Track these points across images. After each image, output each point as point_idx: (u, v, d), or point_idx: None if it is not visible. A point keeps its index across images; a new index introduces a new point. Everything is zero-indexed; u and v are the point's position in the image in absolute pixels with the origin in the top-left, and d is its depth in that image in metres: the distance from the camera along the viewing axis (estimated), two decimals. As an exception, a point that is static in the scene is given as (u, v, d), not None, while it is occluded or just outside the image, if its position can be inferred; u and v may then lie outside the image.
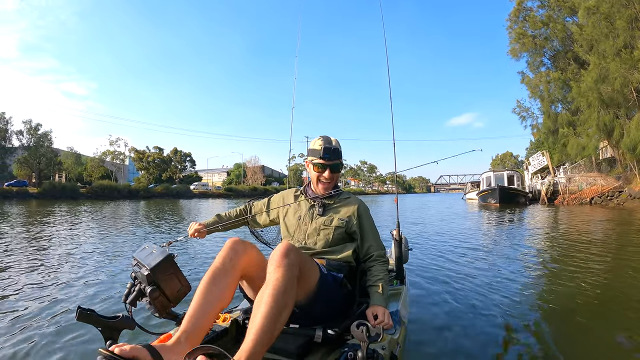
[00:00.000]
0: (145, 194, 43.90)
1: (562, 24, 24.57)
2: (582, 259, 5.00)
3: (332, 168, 1.79)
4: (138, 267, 1.34)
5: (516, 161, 73.39)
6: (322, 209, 1.80)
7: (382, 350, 1.32)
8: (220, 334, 1.50)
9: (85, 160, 50.25)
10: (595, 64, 19.76)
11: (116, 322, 1.21)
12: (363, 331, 1.19)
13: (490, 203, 23.96)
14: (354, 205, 1.83)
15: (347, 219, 1.76)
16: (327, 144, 1.77)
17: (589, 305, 3.12)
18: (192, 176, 63.74)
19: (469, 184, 43.41)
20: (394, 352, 1.43)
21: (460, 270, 4.40)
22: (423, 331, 2.52)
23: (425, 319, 2.76)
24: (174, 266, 1.34)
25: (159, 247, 1.37)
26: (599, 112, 20.38)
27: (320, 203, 1.81)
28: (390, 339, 1.47)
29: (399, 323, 1.67)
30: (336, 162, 1.80)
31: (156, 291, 1.29)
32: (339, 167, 1.84)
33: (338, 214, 1.79)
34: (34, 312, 2.88)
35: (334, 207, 1.83)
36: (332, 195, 1.84)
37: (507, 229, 9.77)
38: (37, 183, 38.45)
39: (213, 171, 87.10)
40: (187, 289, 1.39)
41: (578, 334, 2.54)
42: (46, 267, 4.56)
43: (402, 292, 2.24)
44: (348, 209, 1.81)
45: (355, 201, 1.87)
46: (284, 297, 1.14)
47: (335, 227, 1.74)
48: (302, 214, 1.83)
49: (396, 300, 2.06)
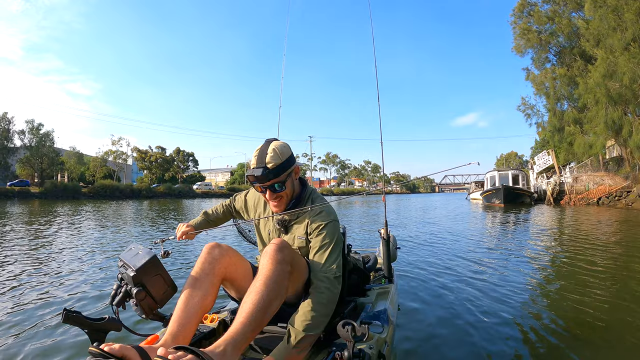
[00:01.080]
0: (148, 193, 44.28)
1: (568, 18, 23.97)
2: (588, 263, 4.75)
3: (273, 189, 1.54)
4: (124, 268, 1.33)
5: (521, 161, 72.30)
6: (284, 229, 1.63)
7: (370, 350, 1.33)
8: (208, 334, 1.52)
9: (87, 160, 50.52)
10: (602, 59, 19.12)
11: (102, 324, 1.21)
12: (348, 330, 1.18)
13: (495, 203, 23.47)
14: (310, 217, 1.57)
15: (305, 235, 1.57)
16: (258, 164, 1.50)
17: (592, 314, 2.87)
18: (195, 176, 63.91)
19: (473, 183, 42.72)
20: (381, 351, 1.41)
21: (452, 271, 4.32)
22: (411, 330, 2.52)
23: (414, 318, 2.76)
24: (160, 267, 1.34)
25: (145, 248, 1.36)
26: (607, 109, 19.74)
27: (279, 222, 1.63)
28: (378, 338, 1.46)
29: (387, 322, 1.60)
30: (273, 182, 1.52)
31: (142, 292, 1.29)
32: (282, 183, 1.55)
33: (297, 231, 1.60)
34: (23, 312, 2.89)
35: (293, 222, 1.62)
36: (295, 205, 1.62)
37: (510, 230, 9.39)
38: (39, 183, 38.63)
39: (217, 171, 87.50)
40: (173, 290, 1.40)
41: (574, 341, 2.41)
42: (38, 267, 4.57)
43: (391, 290, 2.18)
44: (305, 222, 1.58)
45: (313, 212, 1.58)
46: (276, 288, 1.17)
47: (298, 247, 1.57)
48: (270, 228, 1.70)
49: (384, 299, 2.00)
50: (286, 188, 1.56)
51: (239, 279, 1.48)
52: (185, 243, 5.83)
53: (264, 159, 1.50)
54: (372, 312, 1.71)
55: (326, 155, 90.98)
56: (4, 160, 37.79)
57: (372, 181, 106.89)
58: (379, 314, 1.58)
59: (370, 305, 1.85)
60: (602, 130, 20.48)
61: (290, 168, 1.56)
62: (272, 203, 1.59)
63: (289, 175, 1.56)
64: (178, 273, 4.21)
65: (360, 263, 2.17)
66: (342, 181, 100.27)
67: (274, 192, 1.54)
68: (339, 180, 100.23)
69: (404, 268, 4.30)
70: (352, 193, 76.09)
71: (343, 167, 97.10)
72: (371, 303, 1.88)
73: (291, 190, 1.60)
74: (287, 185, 1.56)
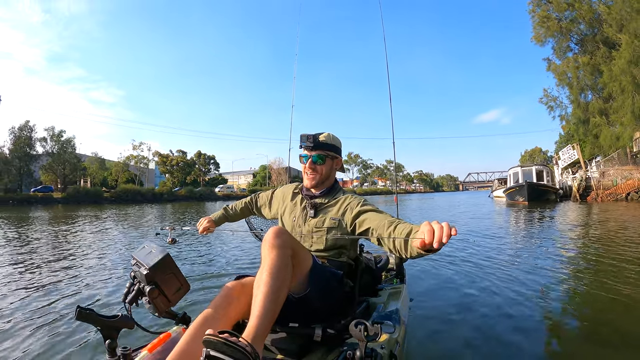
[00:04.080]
0: (170, 197, 45.05)
1: (588, 4, 22.72)
2: (614, 262, 4.54)
3: (313, 159, 1.69)
4: (137, 266, 1.33)
5: (545, 157, 69.35)
6: (313, 210, 1.70)
7: (382, 350, 1.31)
8: None
9: (110, 165, 51.88)
10: (627, 44, 17.99)
11: (115, 322, 1.23)
12: (361, 330, 1.17)
13: (519, 201, 22.64)
14: (345, 200, 1.70)
15: (340, 217, 1.65)
16: (310, 134, 1.68)
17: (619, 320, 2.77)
18: (217, 178, 64.77)
19: (496, 180, 41.32)
20: (393, 351, 1.41)
21: (465, 271, 4.23)
22: (424, 330, 2.51)
23: (426, 318, 2.74)
24: (173, 265, 1.34)
25: (158, 247, 1.35)
26: (634, 97, 18.55)
27: (311, 204, 1.71)
28: (390, 337, 1.45)
29: (398, 322, 1.58)
30: (318, 152, 1.69)
31: (155, 290, 1.29)
32: (323, 159, 1.71)
33: (330, 213, 1.68)
34: (39, 310, 2.97)
35: (326, 206, 1.71)
36: (327, 193, 1.75)
37: (535, 229, 8.91)
38: (62, 188, 39.83)
39: (239, 173, 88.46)
40: (186, 288, 1.39)
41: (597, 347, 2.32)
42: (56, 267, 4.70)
43: (402, 290, 2.18)
44: (340, 206, 1.69)
45: (350, 197, 1.72)
46: (281, 275, 1.19)
47: (328, 228, 1.65)
48: (296, 215, 1.76)
49: (396, 299, 2.01)
50: (325, 165, 1.70)
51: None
52: (204, 236, 6.41)
53: (319, 134, 1.71)
54: (383, 312, 1.68)
55: (348, 155, 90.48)
56: (27, 167, 38.95)
57: (395, 180, 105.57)
58: (390, 314, 1.56)
59: (382, 305, 1.88)
60: (629, 121, 19.31)
61: (335, 152, 1.74)
62: (308, 173, 1.71)
63: (332, 158, 1.73)
64: (191, 268, 4.45)
65: (372, 263, 2.20)
66: (365, 181, 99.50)
67: (314, 162, 1.69)
68: (362, 180, 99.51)
69: (416, 268, 4.26)
70: (374, 193, 75.65)
71: (365, 167, 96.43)
72: (383, 303, 1.91)
73: (327, 172, 1.72)
74: (326, 164, 1.71)
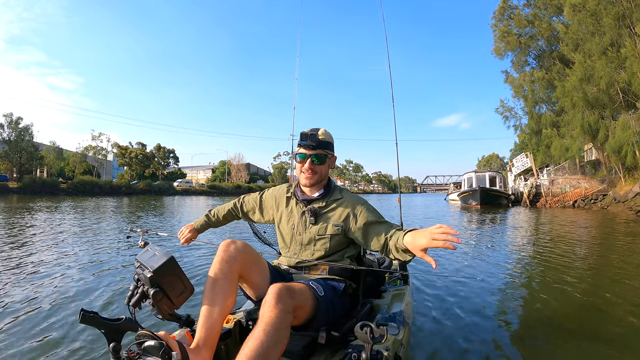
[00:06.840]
0: (127, 190, 43.63)
1: (548, 22, 24.09)
2: (561, 260, 4.91)
3: (313, 158, 1.62)
4: (141, 269, 1.32)
5: (502, 163, 73.27)
6: (314, 217, 1.64)
7: (386, 351, 1.32)
8: (224, 335, 1.48)
9: (67, 155, 49.13)
10: (580, 63, 19.20)
11: (119, 325, 1.20)
12: (367, 332, 1.17)
13: (471, 204, 23.49)
14: (347, 205, 1.65)
15: (343, 223, 1.62)
16: (311, 132, 1.61)
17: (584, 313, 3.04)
18: (175, 173, 62.76)
19: (452, 184, 42.88)
20: (397, 353, 1.42)
21: (465, 273, 4.36)
22: (427, 332, 2.51)
23: (429, 320, 2.73)
24: (177, 268, 1.33)
25: (162, 249, 1.34)
26: (584, 112, 19.82)
27: (310, 211, 1.65)
28: (394, 339, 1.46)
29: (402, 324, 1.56)
30: (319, 152, 1.62)
31: (159, 293, 1.28)
32: (324, 159, 1.64)
33: (332, 218, 1.64)
34: (40, 312, 2.84)
35: (326, 210, 1.66)
36: (324, 195, 1.68)
37: (486, 231, 9.22)
38: (18, 178, 37.44)
39: (198, 168, 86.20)
40: (190, 291, 1.37)
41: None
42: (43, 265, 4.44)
43: (406, 292, 2.18)
44: (343, 211, 1.64)
45: (350, 199, 1.67)
46: (275, 335, 1.14)
47: (331, 235, 1.62)
48: (295, 222, 1.70)
49: (400, 301, 2.02)
50: (324, 165, 1.65)
51: (255, 277, 1.49)
52: None
53: (317, 131, 1.63)
54: (387, 314, 1.65)
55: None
56: (-20, 154, 36.39)
57: (354, 180, 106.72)
58: (394, 316, 1.52)
59: (386, 306, 1.86)
60: (578, 134, 20.55)
61: (332, 151, 1.68)
62: (306, 174, 1.63)
63: (329, 157, 1.68)
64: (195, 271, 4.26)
65: (376, 264, 2.17)
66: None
67: (314, 162, 1.62)
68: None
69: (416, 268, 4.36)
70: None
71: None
72: (387, 304, 1.90)
73: (325, 172, 1.68)
74: (325, 164, 1.66)
